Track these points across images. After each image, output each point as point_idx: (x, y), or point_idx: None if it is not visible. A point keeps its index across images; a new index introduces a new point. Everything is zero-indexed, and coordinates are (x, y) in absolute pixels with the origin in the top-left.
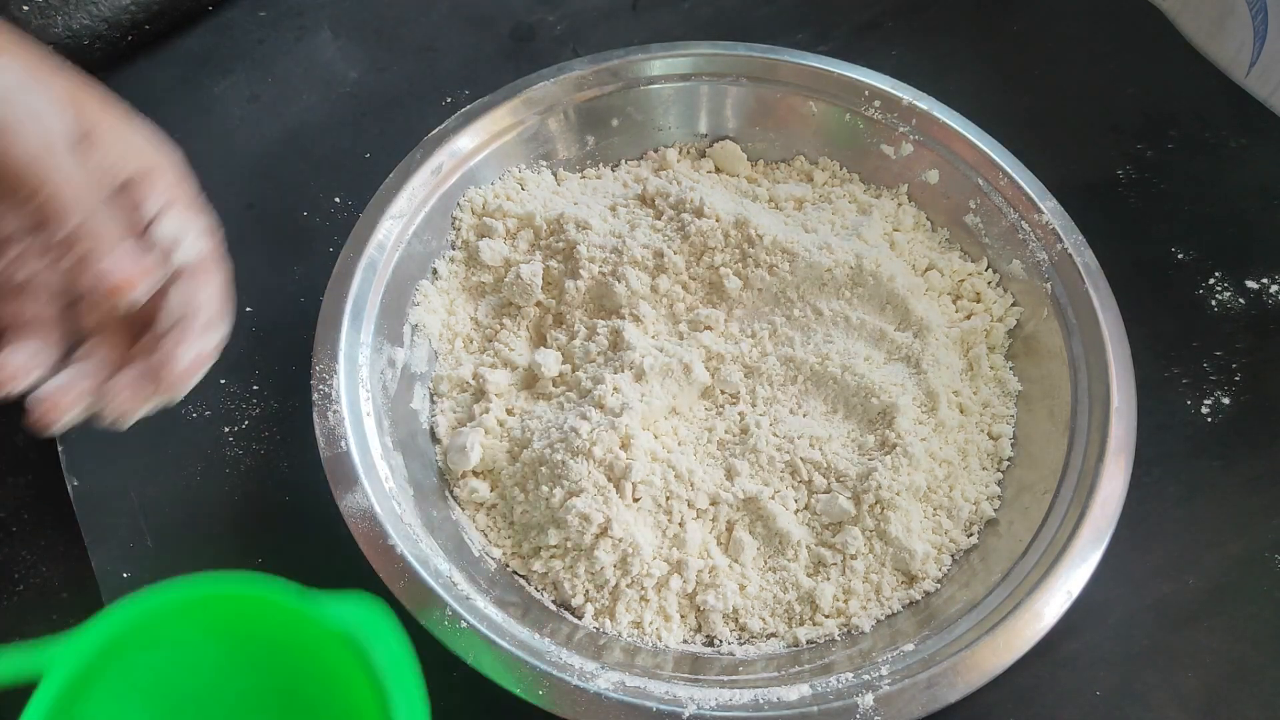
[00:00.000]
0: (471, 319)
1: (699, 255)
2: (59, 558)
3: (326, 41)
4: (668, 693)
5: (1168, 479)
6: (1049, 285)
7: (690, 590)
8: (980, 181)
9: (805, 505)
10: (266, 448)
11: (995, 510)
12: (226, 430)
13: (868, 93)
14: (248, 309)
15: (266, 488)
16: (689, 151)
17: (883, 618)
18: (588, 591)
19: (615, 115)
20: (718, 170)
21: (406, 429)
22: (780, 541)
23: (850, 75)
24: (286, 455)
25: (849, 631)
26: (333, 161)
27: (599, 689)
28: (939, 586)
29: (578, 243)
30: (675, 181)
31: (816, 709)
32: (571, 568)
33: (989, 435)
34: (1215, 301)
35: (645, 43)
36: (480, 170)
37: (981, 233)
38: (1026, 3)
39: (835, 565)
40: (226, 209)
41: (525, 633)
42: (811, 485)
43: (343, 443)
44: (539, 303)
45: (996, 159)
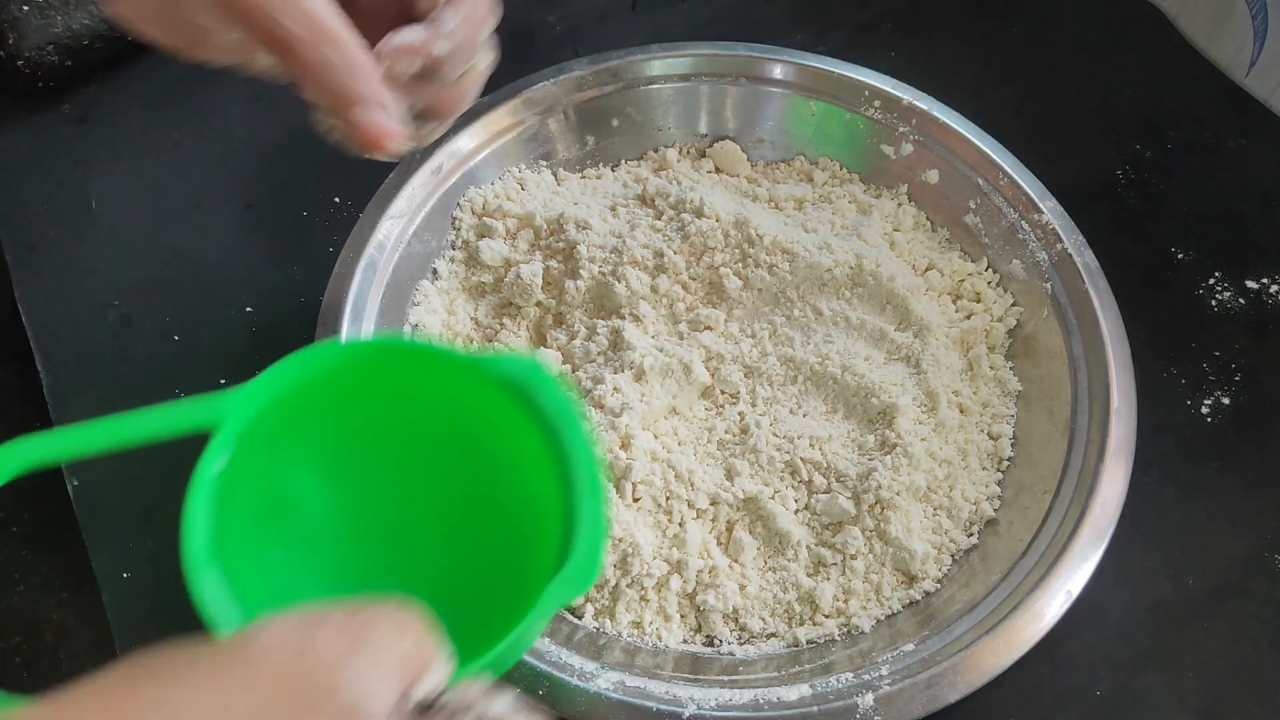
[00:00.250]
0: (471, 319)
1: (699, 255)
2: (59, 558)
3: None
4: (668, 693)
5: (1168, 479)
6: (1049, 285)
7: (690, 590)
8: (980, 181)
9: (805, 505)
10: None
11: (995, 510)
12: None
13: (868, 93)
14: (248, 309)
15: None
16: (689, 151)
17: (883, 618)
18: (588, 591)
19: (615, 115)
20: (718, 170)
21: None
22: (780, 541)
23: (850, 75)
24: None
25: (849, 631)
26: (333, 161)
27: (599, 689)
28: (939, 586)
29: (578, 243)
30: (675, 181)
31: (816, 709)
32: None
33: (989, 435)
34: (1215, 301)
35: (645, 43)
36: (480, 170)
37: (981, 233)
38: (1026, 3)
39: (835, 565)
40: (226, 209)
41: None
42: (811, 485)
43: None
44: (539, 303)
45: (996, 159)
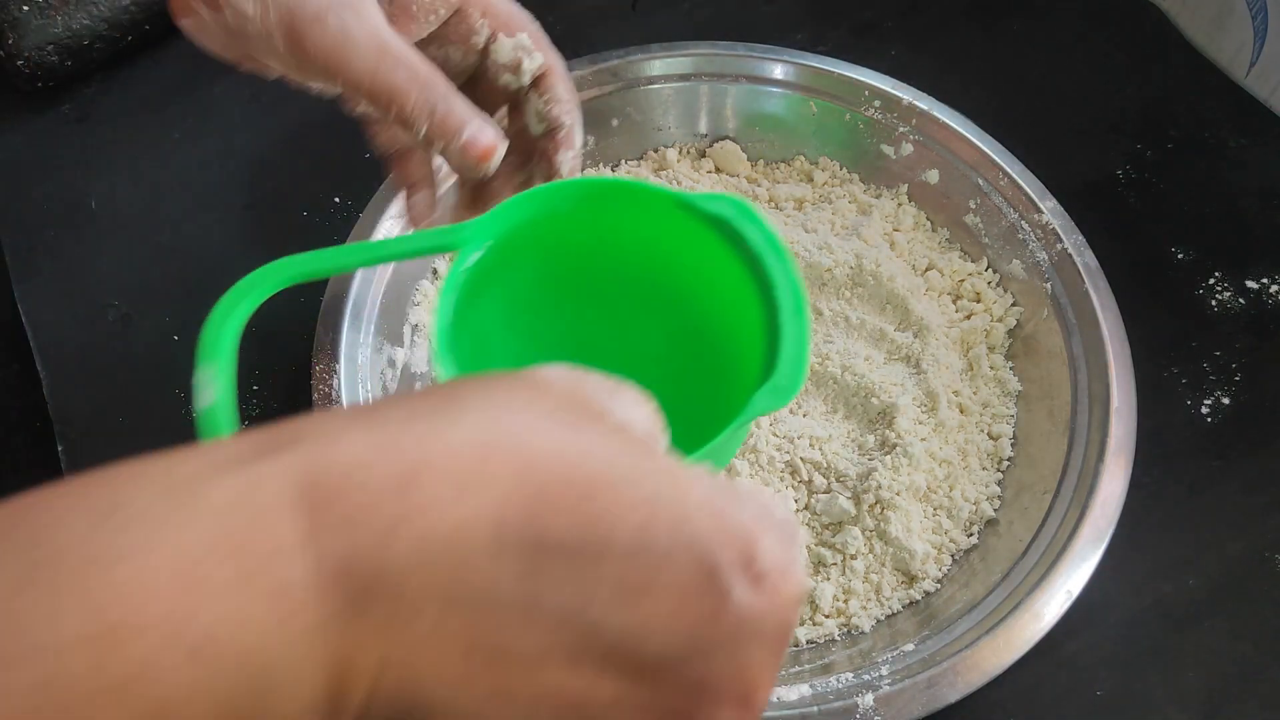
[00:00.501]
0: None
1: None
2: None
3: None
4: None
5: (1168, 479)
6: (1049, 285)
7: None
8: (980, 181)
9: (805, 505)
10: None
11: (995, 510)
12: None
13: (868, 93)
14: None
15: None
16: (689, 151)
17: (883, 618)
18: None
19: (615, 115)
20: (718, 170)
21: None
22: None
23: (850, 75)
24: None
25: (849, 631)
26: (333, 161)
27: None
28: (939, 586)
29: None
30: (675, 181)
31: (816, 709)
32: None
33: (989, 435)
34: (1215, 301)
35: (645, 43)
36: None
37: (981, 233)
38: (1026, 3)
39: (835, 565)
40: (226, 209)
41: None
42: (811, 485)
43: None
44: None
45: (996, 159)
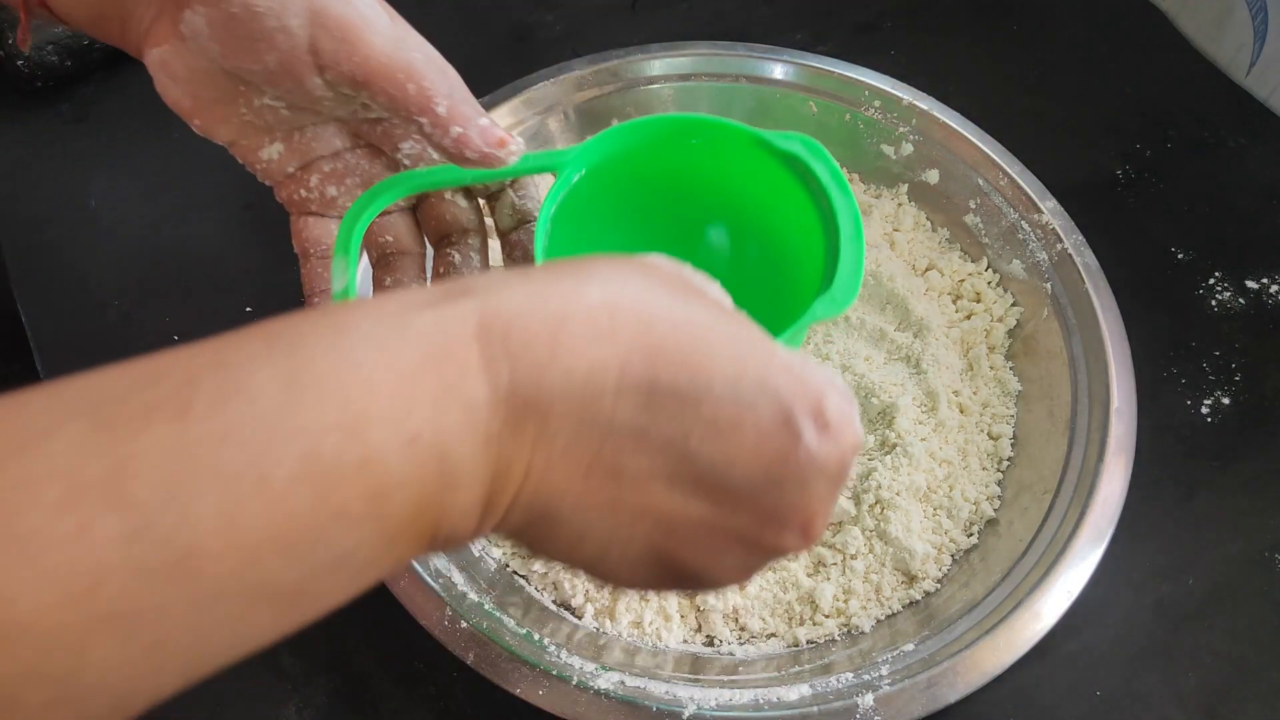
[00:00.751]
0: None
1: None
2: None
3: None
4: (668, 693)
5: (1167, 479)
6: (1049, 285)
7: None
8: (980, 181)
9: None
10: None
11: (995, 510)
12: None
13: (868, 93)
14: (247, 309)
15: None
16: None
17: (883, 618)
18: (588, 591)
19: (615, 115)
20: None
21: None
22: None
23: (850, 75)
24: None
25: (849, 631)
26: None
27: (599, 689)
28: (939, 586)
29: None
30: None
31: (816, 709)
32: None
33: (989, 435)
34: (1215, 301)
35: (645, 43)
36: None
37: (981, 233)
38: (1026, 3)
39: (835, 565)
40: (226, 209)
41: (525, 633)
42: None
43: None
44: None
45: (996, 159)
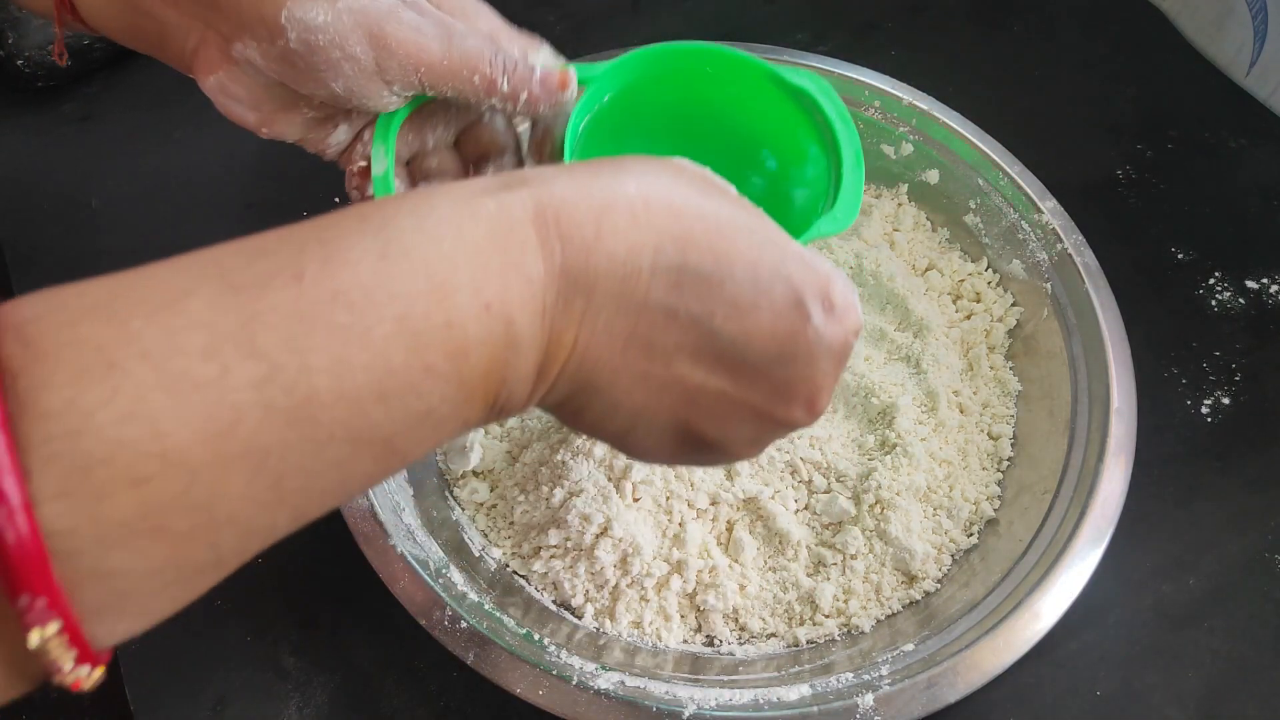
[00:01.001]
0: None
1: None
2: None
3: None
4: (668, 693)
5: (1167, 479)
6: (1049, 285)
7: (690, 590)
8: (980, 181)
9: (805, 505)
10: None
11: (995, 510)
12: None
13: (868, 93)
14: None
15: None
16: None
17: (883, 618)
18: (588, 591)
19: None
20: None
21: None
22: (780, 541)
23: (850, 75)
24: None
25: (849, 631)
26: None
27: (599, 689)
28: (939, 586)
29: None
30: None
31: (816, 709)
32: (572, 568)
33: (989, 435)
34: (1215, 301)
35: (645, 43)
36: None
37: (981, 233)
38: (1026, 3)
39: (835, 565)
40: (226, 209)
41: (525, 633)
42: (811, 485)
43: None
44: None
45: (996, 159)
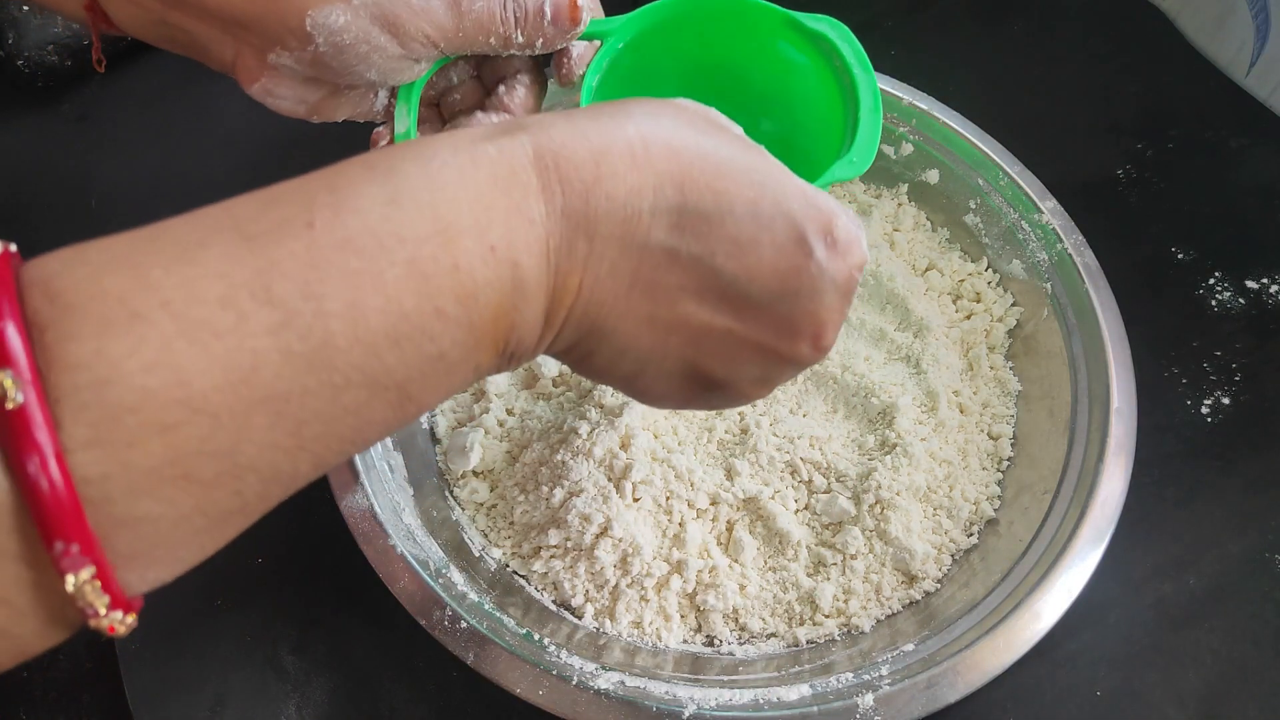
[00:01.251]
0: None
1: None
2: None
3: None
4: (668, 693)
5: (1167, 479)
6: (1049, 285)
7: (690, 590)
8: (980, 181)
9: (805, 505)
10: None
11: (995, 510)
12: None
13: None
14: None
15: None
16: None
17: (883, 618)
18: (588, 591)
19: None
20: None
21: (406, 429)
22: (780, 541)
23: None
24: None
25: (849, 631)
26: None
27: (599, 689)
28: (939, 586)
29: None
30: None
31: (816, 709)
32: (572, 568)
33: (989, 435)
34: (1215, 301)
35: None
36: None
37: (981, 233)
38: (1026, 3)
39: (835, 565)
40: None
41: (525, 633)
42: (811, 485)
43: None
44: None
45: (996, 159)
